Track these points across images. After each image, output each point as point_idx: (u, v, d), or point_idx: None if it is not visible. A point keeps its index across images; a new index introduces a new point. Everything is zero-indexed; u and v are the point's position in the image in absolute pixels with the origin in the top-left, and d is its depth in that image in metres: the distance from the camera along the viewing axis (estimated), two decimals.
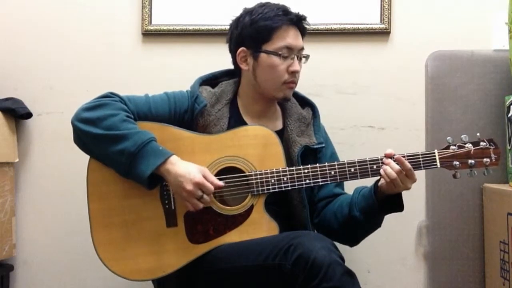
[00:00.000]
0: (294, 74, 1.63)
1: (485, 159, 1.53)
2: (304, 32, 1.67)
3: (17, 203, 2.07)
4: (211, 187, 1.49)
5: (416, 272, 2.04)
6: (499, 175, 1.92)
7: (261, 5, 1.65)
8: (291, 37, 1.62)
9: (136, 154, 1.48)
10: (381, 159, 1.53)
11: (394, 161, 1.50)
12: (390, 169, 1.49)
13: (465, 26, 2.03)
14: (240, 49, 1.65)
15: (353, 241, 1.69)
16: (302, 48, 1.66)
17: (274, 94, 1.66)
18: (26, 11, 2.09)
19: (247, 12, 1.65)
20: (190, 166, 1.50)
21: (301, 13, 1.65)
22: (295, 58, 1.63)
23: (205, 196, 1.49)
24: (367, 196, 1.56)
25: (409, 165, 1.49)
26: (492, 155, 1.54)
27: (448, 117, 2.01)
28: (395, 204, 1.56)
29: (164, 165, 1.48)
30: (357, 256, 1.98)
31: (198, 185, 1.47)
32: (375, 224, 1.61)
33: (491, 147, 1.54)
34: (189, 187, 1.47)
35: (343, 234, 1.65)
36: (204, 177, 1.49)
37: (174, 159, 1.50)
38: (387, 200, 1.55)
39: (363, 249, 1.82)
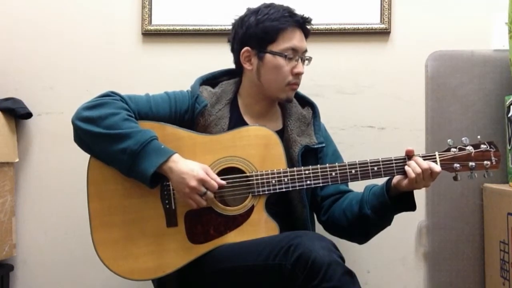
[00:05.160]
0: (298, 76, 1.64)
1: (485, 162, 1.54)
2: (307, 34, 1.68)
3: (17, 203, 2.07)
4: (215, 184, 1.49)
5: (416, 272, 2.04)
6: (499, 175, 1.92)
7: (267, 6, 1.65)
8: (297, 39, 1.62)
9: (139, 152, 1.48)
10: (382, 161, 1.54)
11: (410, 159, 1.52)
12: (415, 163, 1.50)
13: (465, 26, 2.04)
14: (245, 48, 1.65)
15: (363, 239, 1.69)
16: (306, 50, 1.66)
17: (277, 95, 1.66)
18: (26, 11, 2.09)
19: (253, 12, 1.65)
20: (192, 164, 1.50)
21: (306, 15, 1.66)
22: (299, 60, 1.63)
23: (208, 193, 1.49)
24: (378, 194, 1.56)
25: (430, 164, 1.50)
26: (493, 158, 1.54)
27: (448, 117, 2.02)
28: (408, 203, 1.56)
29: (167, 163, 1.49)
30: (357, 256, 1.98)
31: (202, 182, 1.48)
32: (386, 222, 1.61)
33: (491, 149, 1.55)
34: (193, 183, 1.47)
35: (353, 232, 1.66)
36: (207, 174, 1.49)
37: (176, 157, 1.50)
38: (399, 199, 1.56)
39: (363, 249, 1.82)
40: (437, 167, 1.50)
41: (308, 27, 1.67)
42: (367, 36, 2.05)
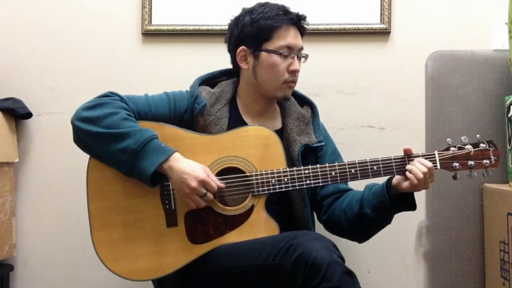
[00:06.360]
0: (294, 73, 1.64)
1: (484, 161, 1.54)
2: (303, 32, 1.68)
3: (17, 203, 2.07)
4: (215, 186, 1.49)
5: (416, 272, 2.04)
6: (499, 175, 1.92)
7: (261, 5, 1.66)
8: (292, 37, 1.62)
9: (139, 151, 1.48)
10: (381, 160, 1.54)
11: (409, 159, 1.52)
12: (416, 168, 1.49)
13: (465, 26, 2.04)
14: (240, 48, 1.65)
15: (363, 238, 1.69)
16: (302, 48, 1.66)
17: (274, 93, 1.66)
18: (26, 11, 2.09)
19: (247, 12, 1.65)
20: (193, 164, 1.50)
21: (301, 12, 1.66)
22: (295, 57, 1.64)
23: (208, 194, 1.49)
24: (378, 194, 1.56)
25: (430, 164, 1.50)
26: (492, 157, 1.55)
27: (448, 117, 2.02)
28: (408, 202, 1.56)
29: (167, 162, 1.49)
30: (357, 256, 1.98)
31: (203, 183, 1.48)
32: (386, 221, 1.61)
33: (490, 148, 1.55)
34: (194, 184, 1.47)
35: (353, 231, 1.66)
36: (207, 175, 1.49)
37: (177, 156, 1.50)
38: (399, 199, 1.56)
39: (363, 249, 1.83)
40: (429, 163, 1.50)
41: (304, 24, 1.67)
42: (367, 36, 2.05)
